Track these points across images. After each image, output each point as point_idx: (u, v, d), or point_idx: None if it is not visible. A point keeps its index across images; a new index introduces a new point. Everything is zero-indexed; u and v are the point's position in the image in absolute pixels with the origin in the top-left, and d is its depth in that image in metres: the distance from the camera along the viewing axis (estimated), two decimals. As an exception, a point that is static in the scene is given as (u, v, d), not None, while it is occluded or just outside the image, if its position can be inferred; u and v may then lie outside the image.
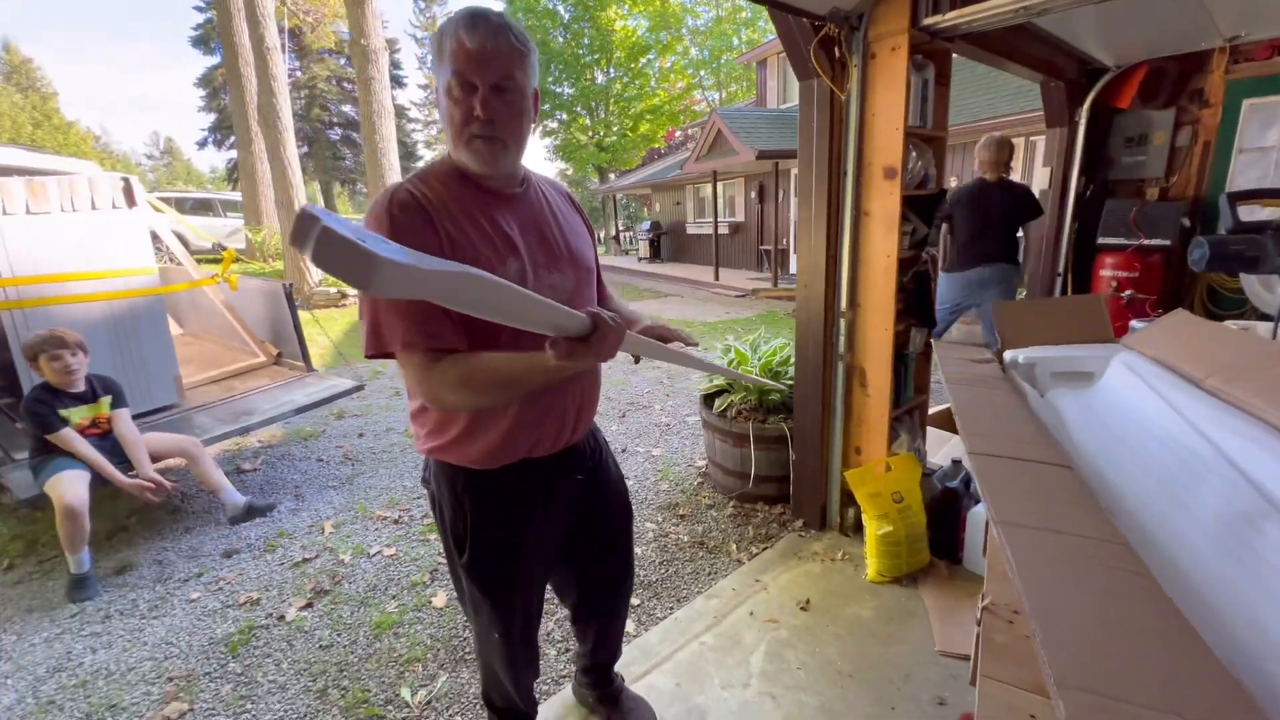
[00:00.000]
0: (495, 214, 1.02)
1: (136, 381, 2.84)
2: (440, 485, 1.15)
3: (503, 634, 1.23)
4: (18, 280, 2.51)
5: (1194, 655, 0.46)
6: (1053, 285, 4.48)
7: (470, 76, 0.92)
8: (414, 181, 0.99)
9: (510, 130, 0.98)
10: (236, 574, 2.39)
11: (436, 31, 0.97)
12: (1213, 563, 0.71)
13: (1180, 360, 1.20)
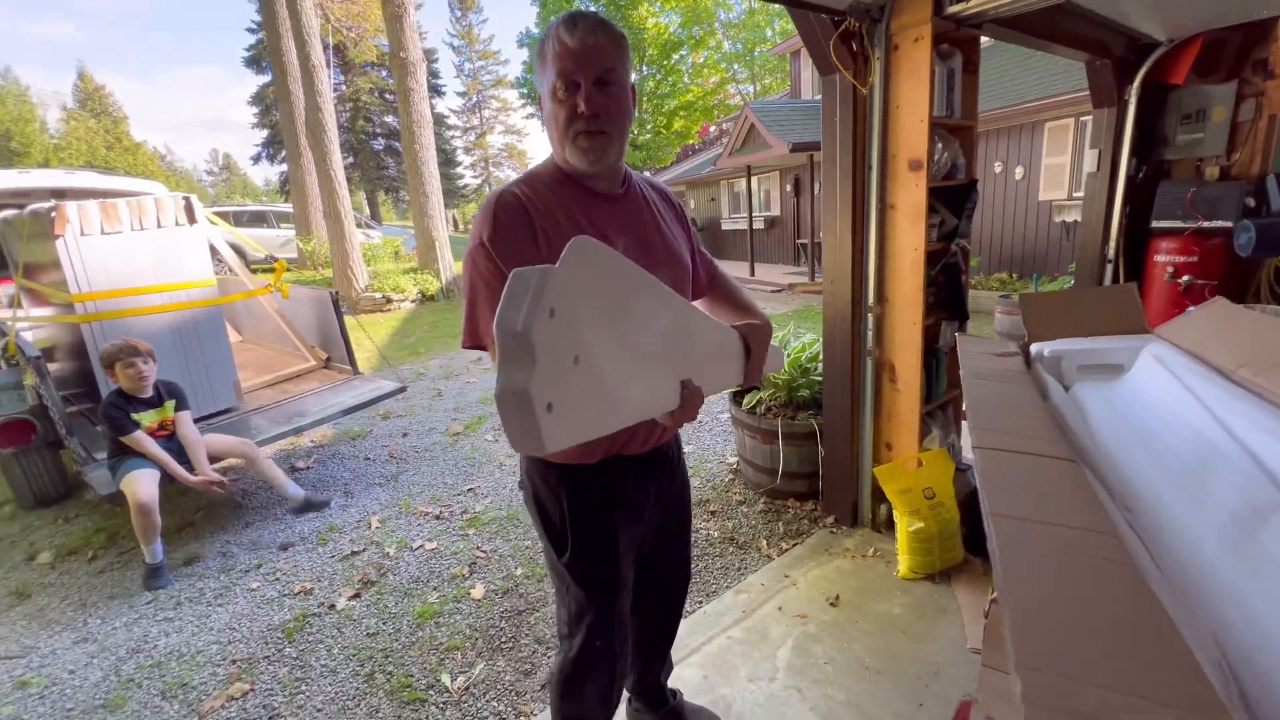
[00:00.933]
0: (596, 216, 1.03)
1: (200, 386, 3.05)
2: (538, 482, 1.15)
3: (604, 635, 1.20)
4: (94, 295, 2.73)
5: (1162, 642, 0.47)
6: (1102, 272, 4.29)
7: (574, 74, 0.94)
8: (520, 184, 1.01)
9: (614, 124, 0.98)
10: (292, 565, 2.55)
11: (538, 42, 1.00)
12: (1217, 555, 0.71)
13: (1213, 351, 1.17)
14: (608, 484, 1.14)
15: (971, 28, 2.09)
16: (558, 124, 0.98)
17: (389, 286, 8.58)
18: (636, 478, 1.18)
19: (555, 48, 0.95)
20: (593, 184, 1.04)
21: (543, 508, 1.16)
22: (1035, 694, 0.42)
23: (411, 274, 9.21)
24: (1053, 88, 7.12)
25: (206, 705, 1.82)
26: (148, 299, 2.85)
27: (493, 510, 2.92)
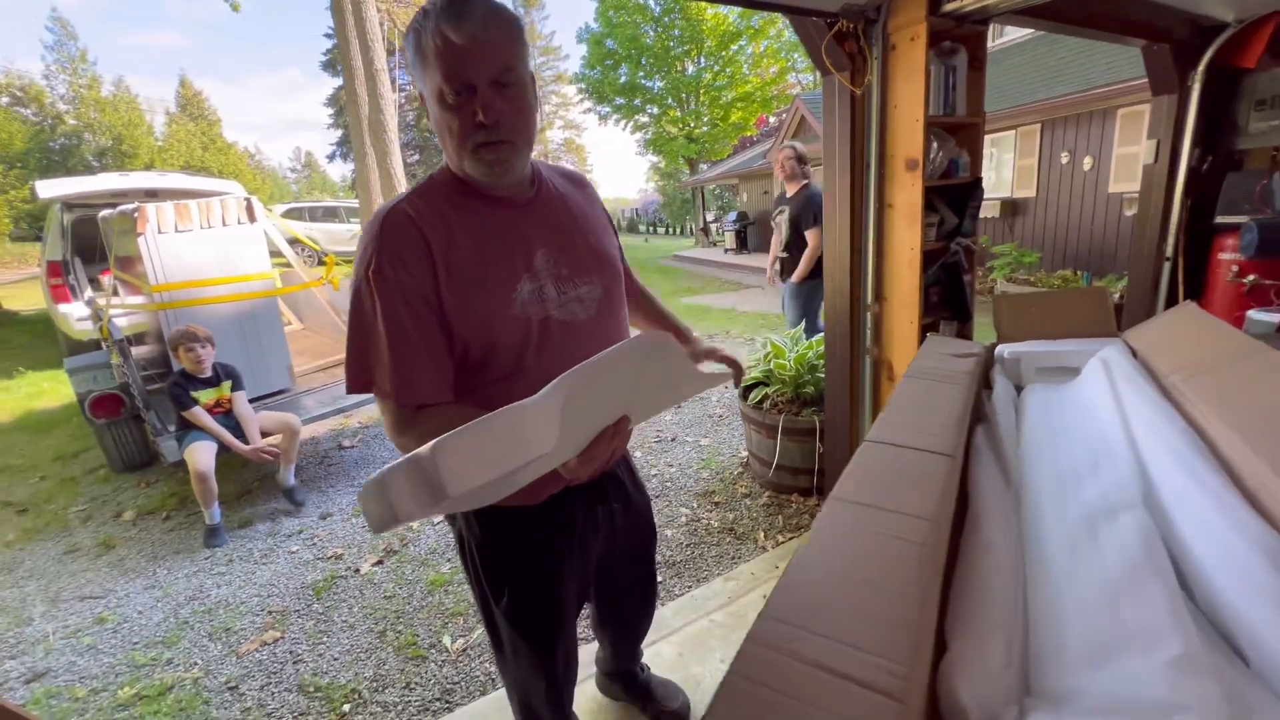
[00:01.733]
0: (506, 228, 0.92)
1: (257, 368, 3.38)
2: (472, 526, 1.04)
3: (547, 675, 1.15)
4: (169, 286, 3.09)
5: (905, 607, 0.54)
6: (1159, 271, 4.03)
7: (465, 76, 0.80)
8: (411, 199, 0.89)
9: (520, 131, 0.87)
10: (328, 533, 2.81)
11: (409, 29, 0.83)
12: (1059, 549, 0.75)
13: (1159, 356, 1.16)
14: (552, 523, 1.05)
15: (976, 23, 2.06)
16: (452, 134, 0.84)
17: (442, 279, 9.02)
18: (585, 508, 1.10)
19: (438, 43, 0.79)
20: (498, 192, 0.92)
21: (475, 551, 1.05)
22: (761, 634, 0.51)
23: (464, 267, 9.62)
24: (1127, 71, 6.64)
25: (244, 647, 2.07)
26: (213, 290, 3.19)
27: (510, 492, 3.10)
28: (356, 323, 0.87)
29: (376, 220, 0.87)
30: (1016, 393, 1.32)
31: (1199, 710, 0.47)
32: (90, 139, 23.14)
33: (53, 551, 2.86)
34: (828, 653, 0.49)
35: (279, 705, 1.82)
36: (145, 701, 1.86)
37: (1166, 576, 0.63)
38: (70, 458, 4.03)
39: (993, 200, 8.62)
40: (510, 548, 1.05)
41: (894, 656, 0.48)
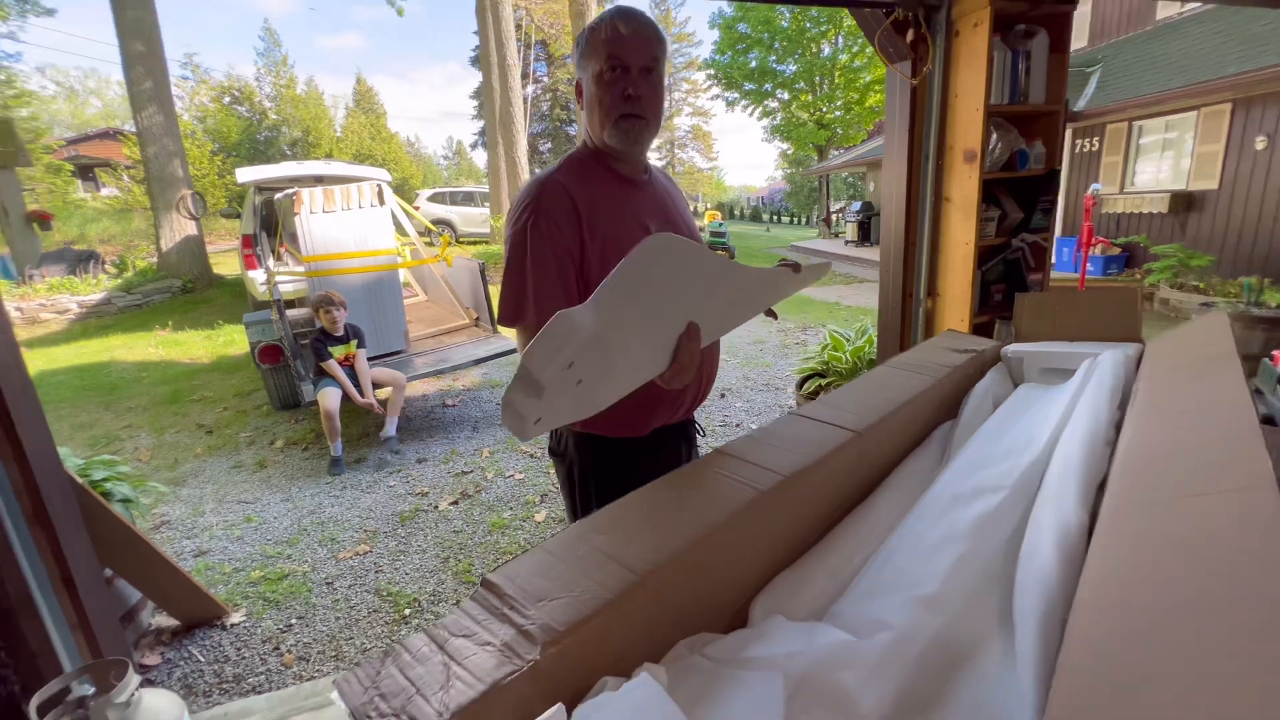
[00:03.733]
0: (628, 200, 1.12)
1: (380, 331, 3.96)
2: (584, 454, 1.17)
3: None
4: (316, 257, 3.71)
5: (698, 527, 0.68)
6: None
7: (624, 59, 1.03)
8: (561, 171, 1.09)
9: (653, 111, 1.08)
10: (420, 473, 3.28)
11: (584, 30, 1.09)
12: (919, 518, 0.81)
13: (1150, 363, 1.12)
14: (653, 454, 1.19)
15: (1060, 3, 1.92)
16: (602, 106, 1.05)
17: (556, 261, 9.63)
18: (676, 446, 1.24)
19: (607, 34, 1.03)
20: (623, 169, 1.13)
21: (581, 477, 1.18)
22: (579, 529, 0.68)
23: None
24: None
25: (342, 554, 2.54)
26: (348, 262, 3.79)
27: (576, 457, 3.39)
28: (515, 267, 1.05)
29: (534, 186, 1.07)
30: (1010, 388, 1.30)
31: (899, 629, 0.56)
32: (286, 131, 27.19)
33: (225, 465, 3.61)
34: (614, 545, 0.64)
35: (359, 601, 2.24)
36: (268, 583, 2.37)
37: (972, 544, 0.69)
38: (246, 395, 4.97)
39: (1161, 194, 7.48)
40: (619, 472, 1.17)
41: (657, 552, 0.62)
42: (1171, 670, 0.36)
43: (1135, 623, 0.41)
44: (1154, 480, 0.61)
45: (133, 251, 11.22)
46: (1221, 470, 0.56)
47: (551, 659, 0.50)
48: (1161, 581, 0.44)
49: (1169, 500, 0.55)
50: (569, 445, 1.21)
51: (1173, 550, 0.47)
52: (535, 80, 26.78)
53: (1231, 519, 0.48)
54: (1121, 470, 0.69)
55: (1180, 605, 0.41)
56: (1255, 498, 0.49)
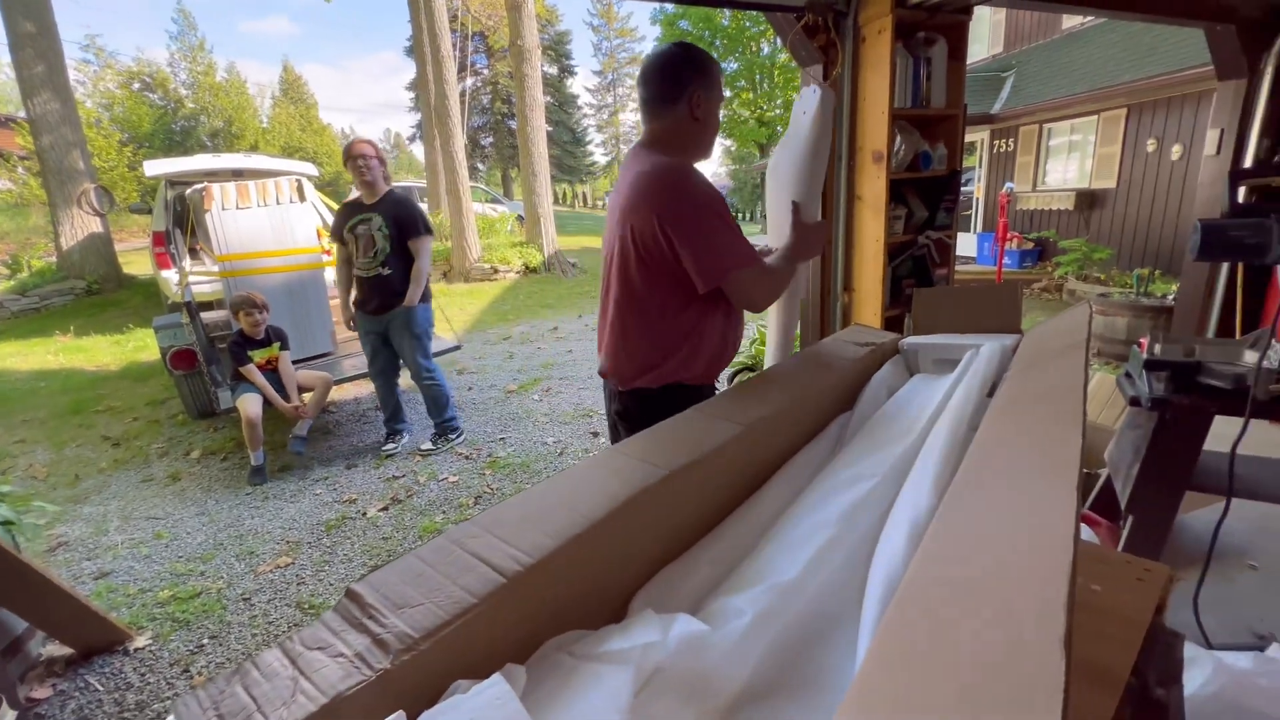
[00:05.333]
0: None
1: (304, 332, 3.79)
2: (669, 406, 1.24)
3: None
4: (231, 256, 3.52)
5: (573, 525, 0.69)
6: (1216, 274, 3.72)
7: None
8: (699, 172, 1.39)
9: None
10: (348, 481, 3.17)
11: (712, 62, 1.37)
12: (800, 507, 0.85)
13: (1022, 353, 1.20)
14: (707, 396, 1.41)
15: (956, 13, 2.03)
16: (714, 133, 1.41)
17: (497, 258, 9.45)
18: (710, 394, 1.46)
19: (720, 77, 1.38)
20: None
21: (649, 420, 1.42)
22: (454, 532, 0.67)
23: (519, 247, 10.02)
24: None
25: (260, 568, 2.43)
26: (268, 261, 3.60)
27: (512, 458, 3.35)
28: (728, 226, 1.31)
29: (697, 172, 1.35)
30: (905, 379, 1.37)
31: (753, 616, 0.59)
32: (205, 121, 25.49)
33: (133, 479, 3.38)
34: (486, 546, 0.64)
35: (278, 616, 2.15)
36: (178, 602, 2.24)
37: (838, 531, 0.73)
38: (159, 403, 4.66)
39: (1067, 192, 8.04)
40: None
41: (530, 552, 0.63)
42: (948, 650, 0.39)
43: (934, 604, 0.45)
44: (983, 466, 0.66)
45: (28, 250, 10.28)
46: (1039, 457, 0.61)
47: (405, 667, 0.50)
48: (961, 563, 0.48)
49: (991, 484, 0.60)
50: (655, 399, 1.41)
51: (977, 533, 0.52)
52: (475, 73, 26.12)
53: (1033, 504, 0.52)
54: (970, 456, 0.75)
55: (965, 582, 0.45)
56: (1059, 487, 0.54)
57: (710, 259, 1.28)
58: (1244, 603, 1.91)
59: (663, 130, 1.37)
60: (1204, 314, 3.81)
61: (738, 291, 1.35)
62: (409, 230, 3.22)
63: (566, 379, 4.77)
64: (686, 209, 1.28)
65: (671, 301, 1.35)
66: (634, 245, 1.32)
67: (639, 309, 1.38)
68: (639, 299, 1.37)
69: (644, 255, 1.32)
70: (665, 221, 1.27)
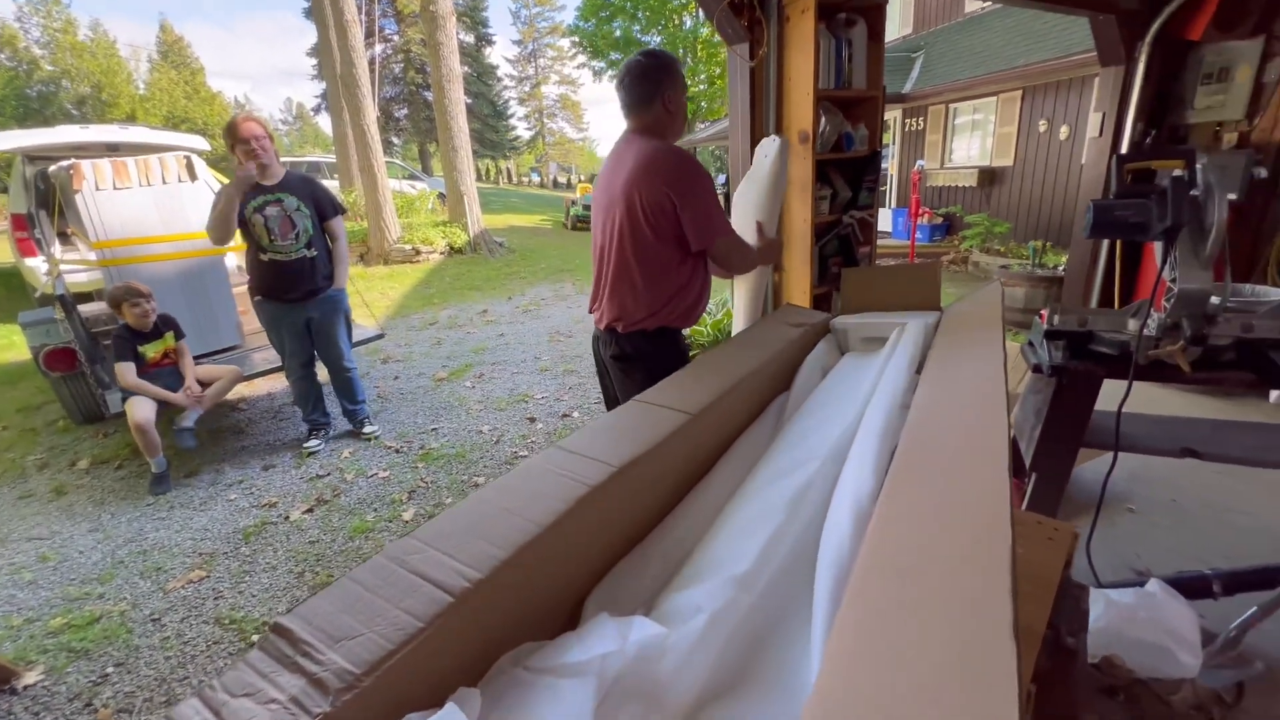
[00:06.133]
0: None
1: (206, 325, 3.47)
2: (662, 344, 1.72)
3: None
4: (111, 243, 3.15)
5: (520, 533, 0.66)
6: (1099, 248, 4.09)
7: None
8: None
9: None
10: (266, 483, 2.96)
11: (678, 65, 1.67)
12: (744, 496, 0.87)
13: (944, 331, 1.27)
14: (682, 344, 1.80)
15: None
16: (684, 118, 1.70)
17: (418, 239, 9.01)
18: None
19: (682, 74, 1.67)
20: None
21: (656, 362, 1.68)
22: (392, 550, 0.63)
23: (441, 227, 9.59)
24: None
25: (170, 584, 2.24)
26: (157, 247, 3.25)
27: (446, 448, 3.24)
28: (717, 202, 1.62)
29: (690, 155, 1.65)
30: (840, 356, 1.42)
31: (712, 611, 0.59)
32: (68, 87, 22.52)
33: (7, 496, 3.01)
34: (430, 562, 0.61)
35: (195, 635, 1.99)
36: (73, 630, 2.03)
37: (785, 518, 0.74)
38: (34, 409, 4.16)
39: (971, 169, 8.57)
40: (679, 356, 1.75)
41: (476, 566, 0.60)
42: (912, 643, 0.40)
43: (892, 592, 0.46)
44: (918, 451, 0.69)
45: None
46: (970, 441, 0.64)
47: (348, 707, 0.46)
48: (908, 553, 0.50)
49: (927, 471, 0.63)
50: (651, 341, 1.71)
51: (919, 522, 0.54)
52: (384, 39, 24.43)
53: (971, 489, 0.55)
54: (905, 438, 0.78)
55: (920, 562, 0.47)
56: (991, 473, 0.57)
57: (705, 224, 1.61)
58: (1125, 543, 2.15)
59: (646, 123, 1.66)
60: (1089, 284, 4.19)
61: (721, 254, 1.68)
62: (327, 210, 3.03)
63: (499, 364, 4.65)
64: (689, 182, 1.58)
65: (671, 259, 1.65)
66: (642, 211, 1.60)
67: (646, 264, 1.65)
68: (647, 256, 1.64)
69: (651, 220, 1.60)
70: (672, 190, 1.57)
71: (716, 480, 0.94)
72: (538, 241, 11.70)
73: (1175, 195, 1.48)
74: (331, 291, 3.07)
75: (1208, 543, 2.09)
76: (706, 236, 1.62)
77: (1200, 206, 1.53)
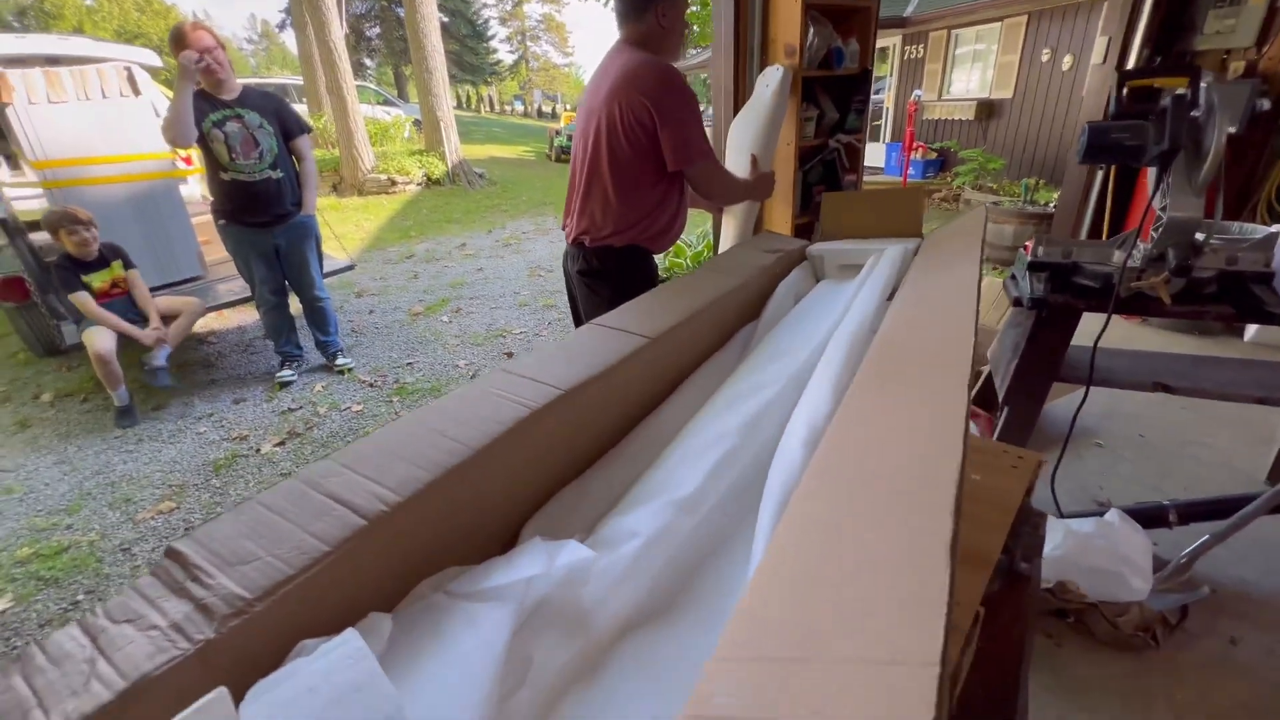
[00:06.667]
0: None
1: (163, 255, 3.32)
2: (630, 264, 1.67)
3: None
4: (52, 163, 2.94)
5: (448, 454, 0.62)
6: (1092, 181, 4.00)
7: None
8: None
9: None
10: (237, 416, 2.91)
11: None
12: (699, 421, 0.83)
13: (922, 256, 1.21)
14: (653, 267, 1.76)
15: (873, -112, 1.89)
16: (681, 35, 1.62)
17: (394, 169, 8.61)
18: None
19: None
20: None
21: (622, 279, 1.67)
22: (307, 472, 0.58)
23: (418, 156, 9.17)
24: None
25: (139, 515, 2.22)
26: (102, 169, 3.04)
27: (421, 383, 3.20)
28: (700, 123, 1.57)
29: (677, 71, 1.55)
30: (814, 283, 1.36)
31: (648, 535, 0.55)
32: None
33: (-31, 429, 2.93)
34: (346, 485, 0.56)
35: (166, 564, 1.99)
36: (40, 559, 2.02)
37: (738, 442, 0.70)
38: (-8, 341, 4.02)
39: (969, 102, 8.26)
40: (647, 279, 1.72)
41: (396, 489, 0.55)
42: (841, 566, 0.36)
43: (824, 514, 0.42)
44: (878, 369, 0.65)
45: None
46: (932, 358, 0.60)
47: (234, 634, 0.43)
48: (855, 468, 0.46)
49: (886, 387, 0.58)
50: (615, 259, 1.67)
51: (870, 438, 0.49)
52: (351, -54, 22.49)
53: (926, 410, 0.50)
54: (866, 360, 0.73)
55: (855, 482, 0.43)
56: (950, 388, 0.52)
57: (683, 144, 1.54)
58: (1090, 476, 2.19)
59: (637, 34, 1.58)
60: (1078, 220, 4.12)
61: (700, 178, 1.62)
62: (293, 128, 2.84)
63: (477, 298, 4.54)
64: (671, 97, 1.51)
65: (646, 176, 1.59)
66: (620, 123, 1.53)
67: (619, 178, 1.58)
68: (621, 170, 1.58)
69: (628, 133, 1.53)
70: (652, 104, 1.49)
71: (673, 407, 0.90)
72: (520, 173, 11.26)
73: (1175, 115, 1.40)
74: (301, 216, 2.93)
75: (1170, 475, 2.14)
76: (683, 157, 1.55)
77: (1200, 129, 1.45)
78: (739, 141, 1.87)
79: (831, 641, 0.30)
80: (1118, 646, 1.48)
